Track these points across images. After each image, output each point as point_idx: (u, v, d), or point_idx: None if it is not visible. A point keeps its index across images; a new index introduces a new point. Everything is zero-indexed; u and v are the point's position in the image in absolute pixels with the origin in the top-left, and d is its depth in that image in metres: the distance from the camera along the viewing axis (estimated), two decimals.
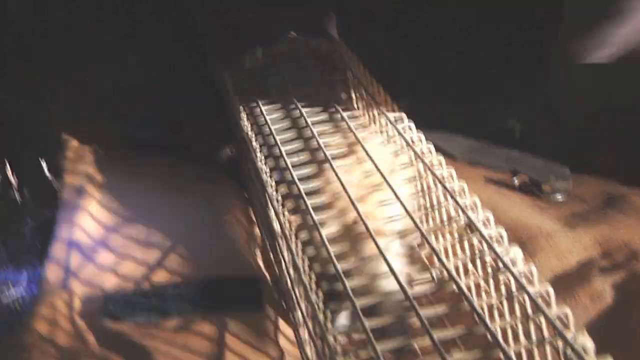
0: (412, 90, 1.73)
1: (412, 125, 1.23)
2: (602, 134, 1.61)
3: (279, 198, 1.14)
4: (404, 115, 1.25)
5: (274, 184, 1.17)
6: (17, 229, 1.36)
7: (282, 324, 1.13)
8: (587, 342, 0.79)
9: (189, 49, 1.90)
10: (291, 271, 1.06)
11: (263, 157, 1.25)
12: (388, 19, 2.03)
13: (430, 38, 2.03)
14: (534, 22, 1.92)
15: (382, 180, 1.10)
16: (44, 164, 1.39)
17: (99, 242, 1.20)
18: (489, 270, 0.99)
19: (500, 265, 0.92)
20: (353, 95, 1.41)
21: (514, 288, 0.91)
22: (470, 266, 1.06)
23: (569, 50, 1.70)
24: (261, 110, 1.33)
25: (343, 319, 1.05)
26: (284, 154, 1.20)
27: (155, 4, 1.95)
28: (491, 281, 0.99)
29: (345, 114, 1.28)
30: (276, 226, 1.14)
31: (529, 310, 0.89)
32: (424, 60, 1.96)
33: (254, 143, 1.29)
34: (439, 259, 0.94)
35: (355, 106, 1.42)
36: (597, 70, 1.64)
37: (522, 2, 1.93)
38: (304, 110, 1.30)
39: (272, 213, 1.15)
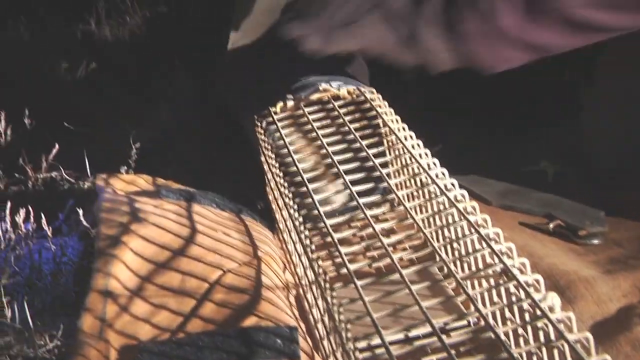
0: (443, 135, 1.73)
1: (445, 171, 1.22)
2: (635, 176, 1.60)
3: (313, 247, 1.14)
4: (436, 161, 1.25)
5: (307, 232, 1.17)
6: (52, 279, 1.37)
7: None
8: None
9: (219, 97, 1.92)
10: (326, 320, 1.06)
11: (295, 206, 1.25)
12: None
13: (460, 82, 2.03)
14: (565, 64, 1.92)
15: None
16: (80, 213, 1.40)
17: (134, 291, 1.20)
18: (527, 317, 0.98)
19: (538, 312, 0.91)
20: (385, 142, 1.41)
21: (552, 336, 0.90)
22: (507, 313, 1.05)
23: (600, 93, 1.70)
24: (293, 160, 1.33)
25: None
26: (316, 202, 1.20)
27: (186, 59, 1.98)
28: (529, 328, 0.98)
29: (377, 161, 1.28)
30: (310, 274, 1.14)
31: (569, 359, 0.88)
32: (454, 104, 1.97)
33: (284, 190, 1.30)
34: (475, 307, 0.93)
35: (387, 153, 1.42)
36: (628, 112, 1.63)
37: None
38: (335, 157, 1.30)
39: (305, 261, 1.16)
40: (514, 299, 1.01)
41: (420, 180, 1.27)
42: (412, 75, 1.62)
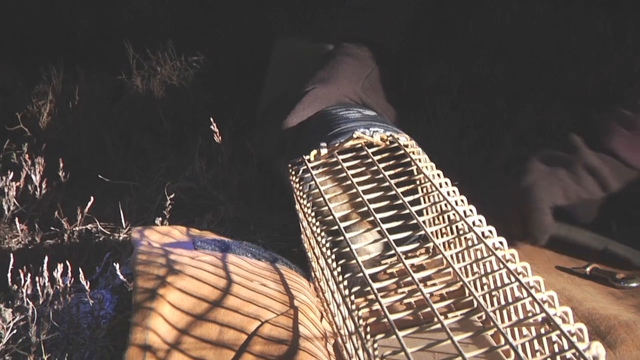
0: (478, 180, 1.73)
1: (482, 218, 1.22)
2: None
3: (352, 297, 1.14)
4: (473, 208, 1.25)
5: (346, 282, 1.17)
6: (90, 333, 1.37)
7: None
8: None
9: (254, 147, 1.94)
10: None
11: (332, 255, 1.25)
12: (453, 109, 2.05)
13: (495, 130, 2.05)
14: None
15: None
16: (117, 267, 1.41)
17: (172, 344, 1.20)
18: None
19: None
20: (420, 190, 1.41)
21: None
22: None
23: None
24: (329, 208, 1.33)
25: None
26: (355, 254, 1.20)
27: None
28: None
29: (413, 209, 1.27)
30: (350, 324, 1.14)
31: None
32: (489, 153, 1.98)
33: (320, 238, 1.30)
34: (519, 357, 0.92)
35: (422, 200, 1.42)
36: None
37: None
38: (371, 206, 1.30)
39: (345, 311, 1.15)
40: (556, 348, 1.00)
41: (457, 228, 1.26)
42: None
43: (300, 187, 1.47)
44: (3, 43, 2.63)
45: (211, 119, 1.89)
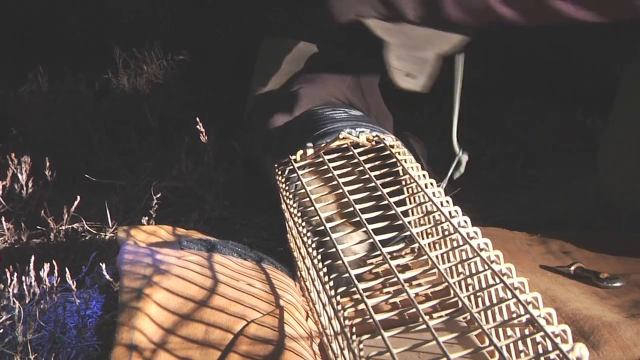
0: (466, 182, 1.75)
1: (467, 219, 1.23)
2: None
3: (338, 298, 1.14)
4: (458, 209, 1.26)
5: (332, 283, 1.18)
6: (76, 332, 1.37)
7: None
8: None
9: (239, 146, 1.94)
10: None
11: (318, 255, 1.25)
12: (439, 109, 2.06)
13: (482, 128, 2.06)
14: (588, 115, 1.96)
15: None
16: (103, 267, 1.41)
17: (158, 344, 1.20)
18: None
19: None
20: (405, 191, 1.42)
21: None
22: None
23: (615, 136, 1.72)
24: (315, 208, 1.34)
25: None
26: (341, 254, 1.20)
27: None
28: None
29: (398, 210, 1.28)
30: (335, 324, 1.14)
31: None
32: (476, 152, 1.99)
33: (306, 238, 1.30)
34: (503, 358, 0.93)
35: (408, 201, 1.42)
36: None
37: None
38: (357, 206, 1.30)
39: (330, 311, 1.16)
40: (541, 349, 1.01)
41: (442, 228, 1.27)
42: None
43: (287, 187, 1.47)
44: None
45: (197, 119, 1.89)
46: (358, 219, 1.28)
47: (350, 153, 1.47)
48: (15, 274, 1.39)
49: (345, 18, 1.52)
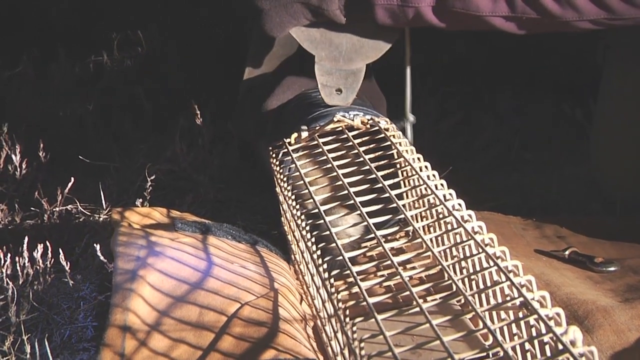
0: (459, 165, 1.75)
1: (462, 202, 1.23)
2: None
3: (332, 280, 1.14)
4: (452, 192, 1.25)
5: (325, 266, 1.17)
6: (70, 314, 1.37)
7: None
8: None
9: (235, 128, 1.93)
10: (346, 354, 1.06)
11: (312, 238, 1.25)
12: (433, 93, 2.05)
13: (475, 112, 2.06)
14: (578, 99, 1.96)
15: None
16: (97, 248, 1.41)
17: (152, 326, 1.20)
18: (548, 351, 0.98)
19: (560, 346, 0.91)
20: (400, 174, 1.42)
21: None
22: (526, 346, 1.05)
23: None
24: (309, 191, 1.33)
25: None
26: (335, 237, 1.20)
27: None
28: None
29: (393, 193, 1.28)
30: (329, 307, 1.14)
31: None
32: (469, 136, 1.99)
33: (300, 222, 1.30)
34: (497, 341, 0.93)
35: (402, 184, 1.42)
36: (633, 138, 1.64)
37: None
38: (351, 189, 1.30)
39: (324, 294, 1.16)
40: (534, 332, 1.01)
41: (437, 212, 1.27)
42: None
43: (281, 170, 1.47)
44: None
45: (192, 101, 1.88)
46: (352, 202, 1.28)
47: (345, 136, 1.47)
48: (9, 255, 1.38)
49: (278, 32, 1.52)
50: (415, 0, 1.43)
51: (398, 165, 1.42)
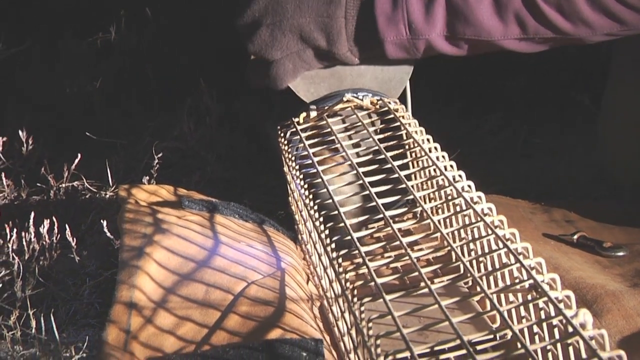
0: (467, 150, 1.74)
1: (472, 183, 1.22)
2: None
3: (340, 260, 1.13)
4: (462, 173, 1.24)
5: (333, 245, 1.17)
6: (76, 290, 1.37)
7: None
8: None
9: (242, 108, 1.92)
10: (353, 334, 1.06)
11: (320, 218, 1.25)
12: (437, 78, 2.04)
13: (483, 99, 2.05)
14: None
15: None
16: (104, 224, 1.40)
17: (158, 303, 1.19)
18: (556, 334, 0.97)
19: (570, 329, 0.90)
20: (408, 155, 1.41)
21: (583, 353, 0.89)
22: (535, 329, 1.04)
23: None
24: (318, 171, 1.33)
25: None
26: (342, 214, 1.20)
27: None
28: (559, 346, 0.97)
29: (402, 173, 1.27)
30: (336, 287, 1.14)
31: None
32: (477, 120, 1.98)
33: (308, 201, 1.29)
34: (508, 324, 0.92)
35: (411, 165, 1.42)
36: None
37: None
38: (360, 169, 1.29)
39: (332, 274, 1.15)
40: (543, 315, 1.00)
41: (445, 193, 1.26)
42: None
43: (289, 150, 1.46)
44: None
45: (200, 79, 1.87)
46: (361, 182, 1.27)
47: (354, 117, 1.46)
48: (15, 230, 1.38)
49: (290, 79, 1.51)
50: (425, 32, 1.42)
51: (407, 147, 1.41)
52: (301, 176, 1.37)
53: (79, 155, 1.68)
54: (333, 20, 1.43)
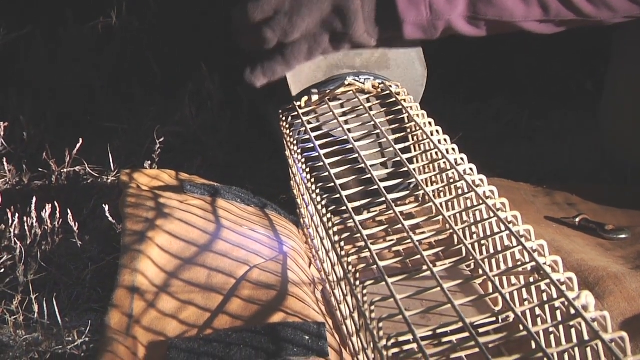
0: (469, 134, 1.74)
1: (473, 166, 1.22)
2: None
3: (342, 244, 1.13)
4: (464, 156, 1.24)
5: (335, 229, 1.17)
6: (78, 274, 1.37)
7: None
8: None
9: (244, 91, 1.92)
10: (356, 317, 1.06)
11: (322, 202, 1.25)
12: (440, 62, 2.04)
13: (487, 84, 2.04)
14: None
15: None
16: (106, 209, 1.40)
17: (160, 287, 1.19)
18: (558, 316, 0.98)
19: (572, 311, 0.90)
20: (410, 138, 1.41)
21: (586, 335, 0.89)
22: (537, 311, 1.04)
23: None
24: (320, 155, 1.33)
25: None
26: (344, 197, 1.20)
27: None
28: (561, 328, 0.98)
29: (404, 157, 1.27)
30: (338, 271, 1.14)
31: (603, 358, 0.87)
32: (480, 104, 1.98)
33: (310, 185, 1.29)
34: (510, 306, 0.92)
35: (413, 148, 1.41)
36: None
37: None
38: (363, 153, 1.29)
39: (334, 257, 1.15)
40: (545, 297, 1.00)
41: (447, 176, 1.26)
42: None
43: (290, 134, 1.46)
44: None
45: (202, 64, 1.87)
46: (362, 165, 1.27)
47: (356, 100, 1.46)
48: (17, 215, 1.38)
49: (305, 59, 1.51)
50: (446, 12, 1.42)
51: (409, 130, 1.41)
52: (303, 160, 1.37)
53: (81, 140, 1.67)
54: (350, 2, 1.42)
